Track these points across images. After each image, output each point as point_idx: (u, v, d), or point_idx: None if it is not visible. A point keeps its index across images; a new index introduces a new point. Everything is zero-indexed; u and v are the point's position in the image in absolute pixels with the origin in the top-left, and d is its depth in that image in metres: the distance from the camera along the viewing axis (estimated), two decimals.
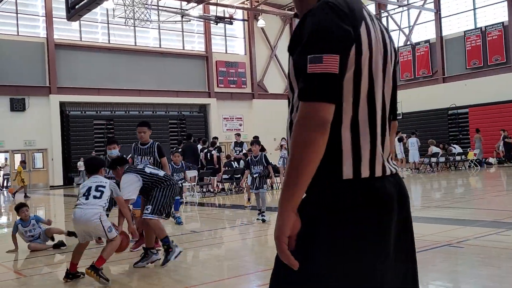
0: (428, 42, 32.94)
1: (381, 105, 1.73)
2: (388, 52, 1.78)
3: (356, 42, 1.62)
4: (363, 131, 1.67)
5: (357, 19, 1.64)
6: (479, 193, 13.61)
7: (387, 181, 1.71)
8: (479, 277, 5.12)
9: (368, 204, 1.64)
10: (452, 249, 6.25)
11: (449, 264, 5.74)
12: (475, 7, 31.24)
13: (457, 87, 30.80)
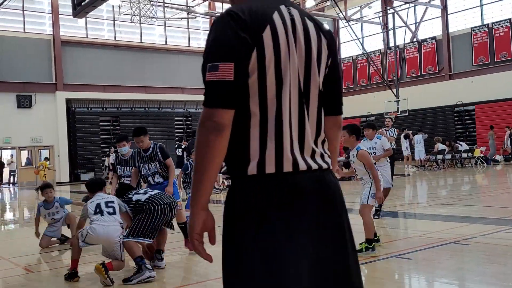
0: (435, 39, 32.80)
1: (297, 104, 1.77)
2: (313, 48, 1.81)
3: (257, 47, 1.68)
4: (270, 130, 1.72)
5: (260, 25, 1.69)
6: (486, 190, 13.57)
7: (300, 176, 1.74)
8: (485, 274, 5.12)
9: (270, 200, 1.69)
10: (458, 246, 6.24)
11: (455, 262, 5.73)
12: (482, 3, 31.06)
13: (463, 84, 30.68)
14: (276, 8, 1.77)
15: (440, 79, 32.44)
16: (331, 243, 1.77)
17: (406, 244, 6.49)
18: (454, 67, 32.14)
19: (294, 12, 1.80)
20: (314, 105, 1.83)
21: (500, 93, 28.52)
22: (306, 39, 1.80)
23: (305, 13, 1.86)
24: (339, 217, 1.81)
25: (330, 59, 1.89)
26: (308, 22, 1.84)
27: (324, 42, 1.86)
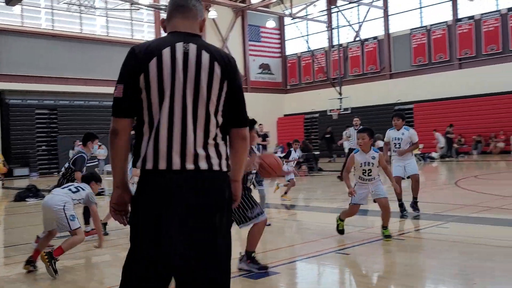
0: (377, 39, 33.57)
1: (180, 116, 2.24)
2: (202, 74, 2.27)
3: (144, 72, 2.25)
4: (153, 134, 2.25)
5: (148, 57, 2.26)
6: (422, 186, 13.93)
7: (173, 173, 2.21)
8: (419, 268, 5.19)
9: (140, 191, 2.27)
10: (394, 241, 6.31)
11: (390, 256, 5.79)
12: (421, 6, 32.05)
13: (403, 83, 31.59)
14: (171, 44, 2.29)
15: (381, 78, 33.25)
16: (195, 229, 2.18)
17: (342, 240, 6.50)
18: (395, 66, 33.02)
19: (190, 47, 2.30)
20: (201, 118, 2.27)
21: (437, 93, 29.57)
22: (197, 67, 2.27)
23: (205, 46, 2.32)
24: (208, 209, 2.21)
25: (225, 81, 2.31)
26: (204, 53, 2.29)
27: (217, 69, 2.29)
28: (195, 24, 2.43)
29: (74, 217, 5.27)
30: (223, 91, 2.31)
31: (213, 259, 2.21)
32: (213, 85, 2.28)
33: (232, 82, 2.33)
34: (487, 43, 28.87)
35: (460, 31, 29.93)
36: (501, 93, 27.21)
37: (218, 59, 2.30)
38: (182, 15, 2.41)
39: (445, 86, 29.34)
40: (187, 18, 2.41)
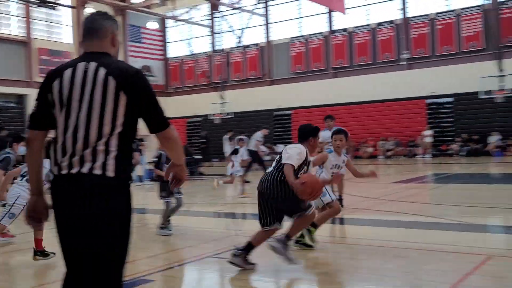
0: (258, 46, 34.42)
1: (73, 127, 2.49)
2: (97, 88, 2.49)
3: (50, 91, 2.57)
4: (57, 144, 2.53)
5: (53, 78, 2.58)
6: None
7: (61, 177, 2.48)
8: (288, 268, 5.34)
9: (51, 191, 2.54)
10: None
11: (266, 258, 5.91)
12: (300, 16, 33.45)
13: (282, 90, 32.68)
14: (74, 65, 2.58)
15: (262, 84, 34.11)
16: (71, 227, 2.45)
17: (217, 245, 6.51)
18: (275, 73, 34.07)
19: (91, 65, 2.55)
20: (94, 129, 2.47)
21: (314, 100, 30.99)
22: (93, 83, 2.51)
23: (104, 63, 2.54)
24: (81, 210, 2.40)
25: (121, 93, 2.49)
26: (101, 70, 2.51)
27: (112, 83, 2.49)
28: (104, 43, 2.68)
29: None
30: (119, 102, 2.49)
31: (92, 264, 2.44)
32: (107, 98, 2.49)
33: (131, 92, 2.50)
34: (359, 54, 30.88)
35: (335, 42, 31.70)
36: (371, 102, 29.24)
37: (114, 74, 2.51)
38: (90, 37, 2.69)
39: (321, 94, 30.84)
40: (95, 39, 2.68)
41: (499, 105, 24.68)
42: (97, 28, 2.67)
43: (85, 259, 2.42)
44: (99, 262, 2.41)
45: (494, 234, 6.93)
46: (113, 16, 2.81)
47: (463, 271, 4.78)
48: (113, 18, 2.78)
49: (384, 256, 5.63)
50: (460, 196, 10.89)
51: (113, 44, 2.71)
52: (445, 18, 28.47)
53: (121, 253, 2.50)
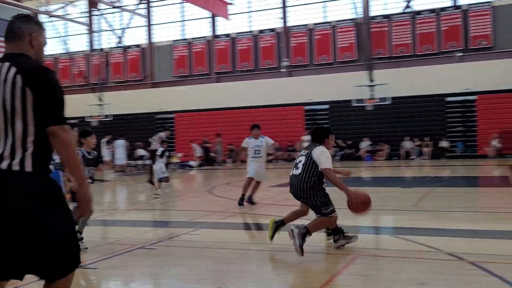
0: (140, 47, 33.61)
1: (2, 124, 2.68)
2: (8, 85, 2.66)
3: None
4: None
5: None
6: (178, 194, 14.33)
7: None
8: (167, 277, 5.19)
9: None
10: (145, 251, 6.24)
11: (140, 267, 5.68)
12: (183, 19, 33.23)
13: (165, 93, 32.20)
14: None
15: (143, 86, 33.34)
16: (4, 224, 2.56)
17: (93, 254, 6.15)
18: (157, 76, 33.47)
19: (4, 65, 2.71)
20: (9, 123, 2.65)
21: (197, 104, 30.93)
22: (5, 81, 2.67)
23: (16, 63, 2.70)
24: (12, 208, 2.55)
25: (27, 89, 2.63)
26: (12, 69, 2.68)
27: (19, 80, 2.65)
28: (21, 44, 2.84)
29: None
30: (27, 98, 2.65)
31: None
32: (15, 94, 2.65)
33: (34, 88, 2.65)
34: (241, 60, 31.39)
35: (218, 47, 31.92)
36: (252, 107, 29.82)
37: (22, 72, 2.67)
38: (8, 39, 2.87)
39: (204, 98, 30.87)
40: (12, 41, 2.86)
41: (369, 112, 26.45)
42: (15, 30, 2.85)
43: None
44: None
45: (362, 235, 7.30)
46: (34, 18, 2.96)
47: (333, 270, 4.95)
48: (34, 20, 2.93)
49: (258, 259, 5.67)
50: (334, 198, 11.41)
51: (31, 45, 2.87)
52: (322, 29, 29.93)
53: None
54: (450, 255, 5.45)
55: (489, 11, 26.86)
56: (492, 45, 26.91)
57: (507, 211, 8.70)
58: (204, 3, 25.08)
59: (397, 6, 28.89)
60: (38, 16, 33.99)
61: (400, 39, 28.27)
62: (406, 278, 4.69)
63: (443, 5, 28.10)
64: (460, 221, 7.94)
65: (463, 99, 26.73)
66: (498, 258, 5.23)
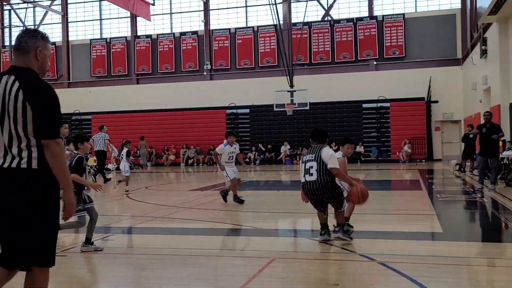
0: (54, 45, 32.22)
1: (7, 129, 3.05)
2: (12, 97, 3.01)
3: None
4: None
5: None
6: (94, 199, 13.80)
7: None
8: (81, 285, 4.98)
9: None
10: (56, 258, 5.93)
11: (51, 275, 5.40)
12: (102, 18, 32.27)
13: (82, 93, 31.08)
14: (1, 76, 3.09)
15: (58, 86, 31.96)
16: (7, 213, 3.01)
17: None
18: (73, 75, 32.23)
19: (10, 78, 3.05)
20: (13, 130, 3.03)
21: (115, 105, 30.10)
22: (9, 94, 3.01)
23: (19, 78, 3.04)
24: (18, 196, 2.98)
25: (27, 103, 2.98)
26: (16, 83, 3.01)
27: (20, 94, 2.99)
28: (27, 58, 3.15)
29: None
30: (27, 110, 3.00)
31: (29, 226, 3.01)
32: (17, 106, 3.01)
33: (32, 102, 3.00)
34: (162, 62, 30.95)
35: (139, 48, 31.29)
36: (173, 110, 29.49)
37: (24, 87, 3.02)
38: (16, 53, 3.19)
39: (123, 99, 30.12)
40: (19, 55, 3.17)
41: (289, 117, 26.98)
42: (22, 45, 3.15)
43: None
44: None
45: (279, 238, 7.40)
46: (40, 32, 3.24)
47: (250, 274, 4.97)
48: (40, 34, 3.21)
49: (176, 264, 5.59)
50: (253, 202, 11.50)
51: (36, 58, 3.17)
52: (244, 34, 30.19)
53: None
54: (362, 256, 5.65)
55: (402, 23, 28.33)
56: (403, 55, 28.40)
57: (415, 213, 9.19)
58: (124, 3, 24.47)
59: (317, 14, 29.75)
60: None
61: (320, 47, 29.12)
62: (319, 279, 4.81)
63: (360, 15, 29.29)
64: (372, 223, 8.27)
65: (378, 106, 27.97)
66: (406, 258, 5.49)
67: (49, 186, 3.05)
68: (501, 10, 17.22)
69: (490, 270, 5.27)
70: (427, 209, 9.61)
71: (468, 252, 6.06)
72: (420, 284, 4.49)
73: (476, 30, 23.24)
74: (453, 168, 20.09)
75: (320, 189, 6.12)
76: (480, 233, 7.62)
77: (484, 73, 20.95)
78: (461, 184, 14.67)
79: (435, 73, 27.43)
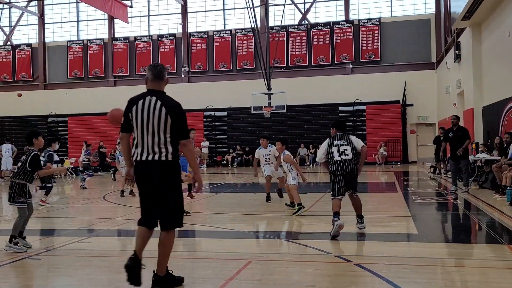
0: (30, 46, 31.77)
1: (141, 134, 4.46)
2: (156, 113, 4.42)
3: (131, 112, 4.49)
4: (135, 141, 4.49)
5: (133, 104, 4.50)
6: (71, 201, 13.68)
7: (138, 162, 4.47)
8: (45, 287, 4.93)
9: (134, 167, 4.57)
10: (31, 261, 5.88)
11: (23, 279, 5.34)
12: (79, 19, 31.94)
13: (58, 95, 30.69)
14: (143, 97, 4.50)
15: (34, 87, 31.55)
16: (154, 191, 4.46)
17: None
18: (50, 77, 31.81)
19: (152, 99, 4.47)
20: (155, 135, 4.42)
21: (93, 107, 29.78)
22: (153, 110, 4.42)
23: (160, 98, 4.48)
24: (160, 181, 4.42)
25: (168, 116, 4.41)
26: (158, 102, 4.43)
27: (163, 111, 4.41)
28: (161, 84, 4.63)
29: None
30: (167, 121, 4.42)
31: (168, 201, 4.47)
32: (161, 119, 4.42)
33: (173, 116, 4.44)
34: (140, 64, 30.76)
35: (116, 49, 31.03)
36: None
37: (165, 105, 4.45)
38: (153, 79, 4.61)
39: (100, 101, 29.83)
40: (156, 81, 4.61)
41: (267, 120, 27.06)
42: (159, 74, 4.61)
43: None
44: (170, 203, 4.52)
45: (255, 240, 7.43)
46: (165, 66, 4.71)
47: (226, 276, 4.98)
48: (166, 67, 5.15)
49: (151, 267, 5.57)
50: (230, 204, 11.50)
51: (166, 83, 4.69)
52: (221, 37, 30.19)
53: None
54: (338, 257, 5.71)
55: (378, 27, 28.69)
56: (379, 59, 28.75)
57: (391, 215, 9.31)
58: (101, 5, 24.26)
59: (294, 18, 29.92)
60: None
61: (297, 50, 29.30)
62: (296, 281, 4.85)
63: (336, 19, 29.56)
64: (349, 225, 8.36)
65: (355, 109, 28.25)
66: (382, 259, 5.57)
67: (178, 172, 4.54)
68: (474, 15, 17.59)
69: (463, 270, 5.37)
70: (402, 210, 9.75)
71: (443, 253, 6.17)
72: (395, 285, 4.56)
73: (450, 34, 23.66)
74: (428, 170, 20.39)
75: (354, 165, 7.48)
76: (454, 234, 7.76)
77: (458, 77, 21.34)
78: (435, 186, 14.90)
79: (410, 77, 27.84)
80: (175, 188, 4.46)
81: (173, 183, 4.44)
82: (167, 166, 4.39)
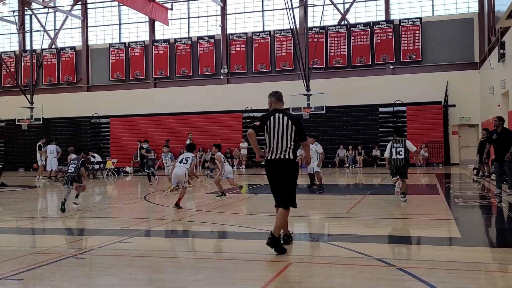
0: (74, 49, 32.64)
1: (276, 137, 6.30)
2: (285, 124, 6.28)
3: (266, 124, 6.37)
4: (269, 144, 6.37)
5: (268, 117, 6.38)
6: (113, 201, 13.97)
7: (273, 159, 6.35)
8: (99, 287, 5.05)
9: (266, 164, 6.53)
10: (75, 260, 6.04)
11: (70, 277, 5.49)
12: (120, 22, 32.61)
13: (100, 97, 31.42)
14: (274, 114, 6.39)
15: (78, 89, 32.40)
16: (279, 180, 6.38)
17: (18, 264, 5.88)
18: (92, 79, 32.61)
19: (281, 115, 6.35)
20: (285, 141, 6.26)
21: (134, 109, 30.37)
22: (283, 123, 6.29)
23: (286, 114, 6.41)
24: (285, 173, 6.34)
25: (293, 126, 6.27)
26: (285, 117, 6.32)
27: (290, 123, 6.28)
28: (282, 104, 6.53)
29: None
30: (293, 131, 6.24)
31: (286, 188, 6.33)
32: (289, 129, 6.24)
33: (295, 125, 6.27)
34: (180, 66, 31.16)
35: (156, 52, 31.54)
36: (190, 113, 29.64)
37: (291, 119, 6.30)
38: (278, 102, 6.53)
39: (141, 103, 30.38)
40: (279, 102, 6.53)
41: (305, 121, 26.88)
42: (280, 98, 6.56)
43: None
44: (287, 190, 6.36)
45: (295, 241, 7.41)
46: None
47: (267, 278, 4.99)
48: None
49: (193, 267, 5.64)
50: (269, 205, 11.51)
51: (283, 104, 6.56)
52: (260, 38, 30.26)
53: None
54: (380, 260, 5.64)
55: (419, 27, 28.16)
56: (420, 59, 28.21)
57: (433, 218, 9.12)
58: (142, 8, 24.72)
59: (334, 19, 29.70)
60: None
61: (336, 50, 29.07)
62: (337, 284, 4.81)
63: (376, 19, 29.18)
64: (389, 228, 8.23)
65: (395, 110, 27.81)
66: (423, 263, 5.47)
67: (297, 167, 6.42)
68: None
69: (508, 276, 5.22)
70: (444, 213, 9.54)
71: (487, 257, 6.01)
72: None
73: (494, 34, 23.00)
74: (471, 172, 19.87)
75: (405, 163, 10.97)
76: (498, 238, 7.55)
77: (502, 77, 20.71)
78: (478, 189, 14.51)
79: (452, 77, 27.20)
80: (295, 180, 6.36)
81: (294, 176, 6.32)
82: (290, 163, 6.25)
